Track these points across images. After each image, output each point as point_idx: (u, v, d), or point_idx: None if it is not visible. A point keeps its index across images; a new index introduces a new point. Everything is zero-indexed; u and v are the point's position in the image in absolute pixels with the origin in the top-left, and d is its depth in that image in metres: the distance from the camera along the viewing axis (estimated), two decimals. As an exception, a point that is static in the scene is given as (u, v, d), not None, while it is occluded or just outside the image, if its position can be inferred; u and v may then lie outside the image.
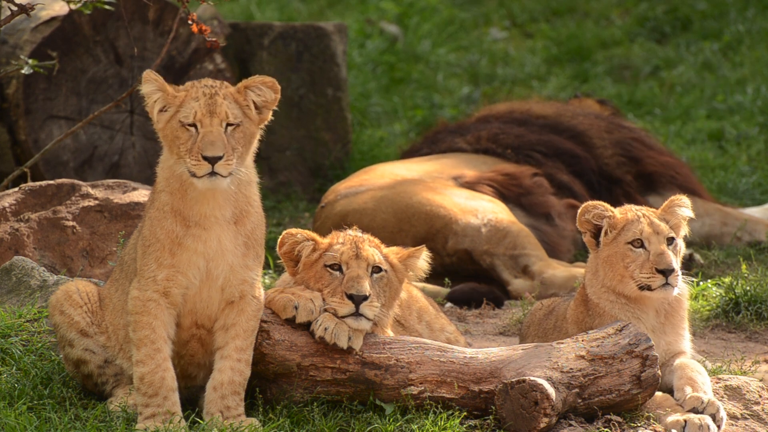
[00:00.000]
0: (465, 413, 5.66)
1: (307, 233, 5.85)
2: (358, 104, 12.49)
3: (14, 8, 7.52)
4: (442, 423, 5.57)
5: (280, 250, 5.85)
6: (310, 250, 5.82)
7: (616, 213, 6.03)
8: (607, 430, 5.69)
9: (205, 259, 5.54)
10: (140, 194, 7.58)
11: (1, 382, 5.85)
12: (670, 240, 5.97)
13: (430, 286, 8.24)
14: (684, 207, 6.06)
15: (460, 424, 5.59)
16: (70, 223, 7.47)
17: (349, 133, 10.99)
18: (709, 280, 8.24)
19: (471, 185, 9.08)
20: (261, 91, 5.55)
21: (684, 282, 5.99)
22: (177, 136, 5.49)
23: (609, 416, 5.75)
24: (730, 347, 7.28)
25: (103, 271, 7.38)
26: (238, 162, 5.48)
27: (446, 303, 8.29)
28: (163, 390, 5.50)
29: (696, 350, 6.41)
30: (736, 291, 7.75)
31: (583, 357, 5.72)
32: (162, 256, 5.53)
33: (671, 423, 5.68)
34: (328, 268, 5.76)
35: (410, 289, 6.27)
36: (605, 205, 6.05)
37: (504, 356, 5.74)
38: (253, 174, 5.65)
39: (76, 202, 7.53)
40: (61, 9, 9.42)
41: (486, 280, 8.64)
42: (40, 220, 7.44)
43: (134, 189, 7.63)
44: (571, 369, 5.67)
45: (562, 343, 5.77)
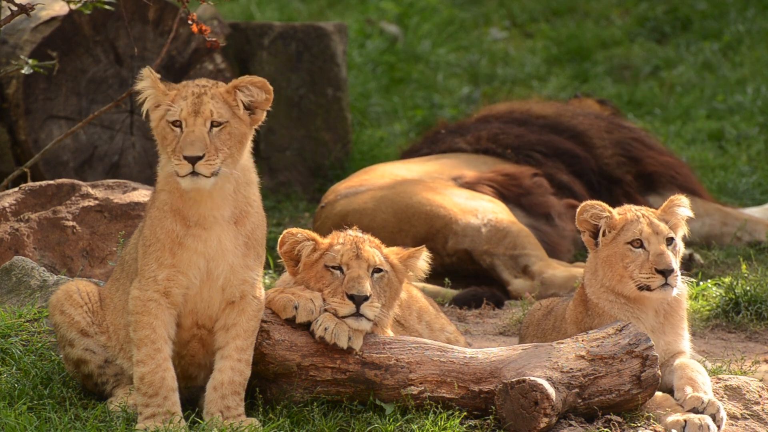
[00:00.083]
0: (465, 413, 5.65)
1: (308, 233, 5.85)
2: (358, 104, 12.49)
3: (14, 8, 7.52)
4: (442, 423, 5.57)
5: (280, 249, 5.85)
6: (311, 250, 5.82)
7: (614, 213, 6.03)
8: (607, 430, 5.69)
9: (205, 259, 5.53)
10: (140, 194, 7.57)
11: (1, 382, 5.84)
12: (670, 240, 5.97)
13: (430, 286, 8.24)
14: (683, 207, 6.05)
15: (460, 424, 5.59)
16: (70, 223, 7.47)
17: (349, 133, 10.99)
18: (709, 280, 8.24)
19: (471, 185, 9.07)
20: (250, 91, 5.52)
21: (683, 282, 5.99)
22: (165, 135, 5.47)
23: (609, 416, 5.74)
24: (730, 347, 7.28)
25: (103, 271, 7.38)
26: (229, 162, 5.45)
27: (446, 303, 8.29)
28: (163, 390, 5.50)
29: (696, 350, 6.41)
30: (736, 291, 7.75)
31: (583, 357, 5.71)
32: (162, 255, 5.52)
33: (671, 423, 5.67)
34: (329, 269, 5.76)
35: (410, 290, 6.27)
36: (603, 205, 6.04)
37: (504, 356, 5.73)
38: (253, 174, 5.64)
39: (76, 202, 7.53)
40: (61, 9, 9.41)
41: (486, 280, 8.63)
42: (40, 220, 7.44)
43: (134, 189, 7.62)
44: (571, 369, 5.67)
45: (562, 343, 5.77)
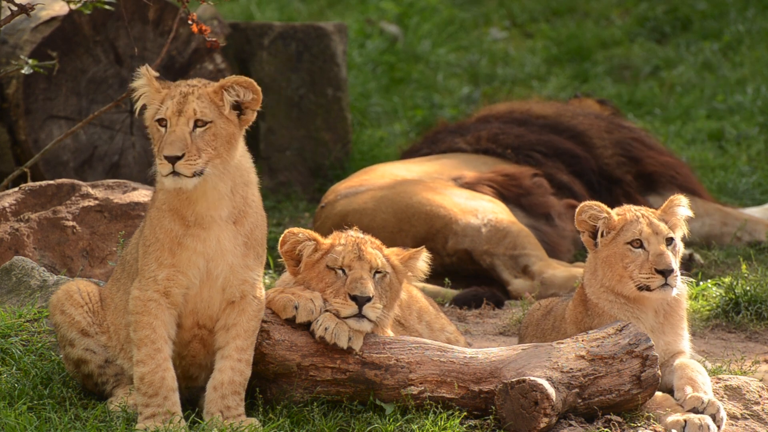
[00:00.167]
0: (465, 413, 5.65)
1: (309, 233, 5.85)
2: (358, 104, 12.49)
3: (14, 8, 7.52)
4: (442, 423, 5.57)
5: (281, 248, 5.85)
6: (312, 250, 5.81)
7: (612, 214, 6.03)
8: (607, 430, 5.69)
9: (204, 259, 5.53)
10: (140, 194, 7.57)
11: (1, 382, 5.84)
12: (669, 240, 5.97)
13: (430, 286, 8.24)
14: (683, 207, 6.05)
15: (460, 424, 5.59)
16: (70, 223, 7.47)
17: (349, 133, 10.99)
18: (709, 280, 8.24)
19: (471, 185, 9.07)
20: (236, 91, 5.51)
21: (683, 282, 5.99)
22: (154, 134, 5.48)
23: (609, 416, 5.74)
24: (730, 347, 7.28)
25: (103, 271, 7.38)
26: (217, 162, 5.43)
27: (446, 303, 8.29)
28: (163, 390, 5.50)
29: (696, 350, 6.41)
30: (736, 291, 7.74)
31: (583, 357, 5.71)
32: (162, 255, 5.52)
33: (671, 423, 5.67)
34: (331, 269, 5.75)
35: (410, 290, 6.27)
36: (601, 205, 6.04)
37: (504, 356, 5.73)
38: (252, 175, 5.63)
39: (76, 202, 7.53)
40: (61, 9, 9.41)
41: (486, 280, 8.63)
42: (40, 220, 7.44)
43: (134, 189, 7.62)
44: (571, 369, 5.67)
45: (562, 343, 5.77)
